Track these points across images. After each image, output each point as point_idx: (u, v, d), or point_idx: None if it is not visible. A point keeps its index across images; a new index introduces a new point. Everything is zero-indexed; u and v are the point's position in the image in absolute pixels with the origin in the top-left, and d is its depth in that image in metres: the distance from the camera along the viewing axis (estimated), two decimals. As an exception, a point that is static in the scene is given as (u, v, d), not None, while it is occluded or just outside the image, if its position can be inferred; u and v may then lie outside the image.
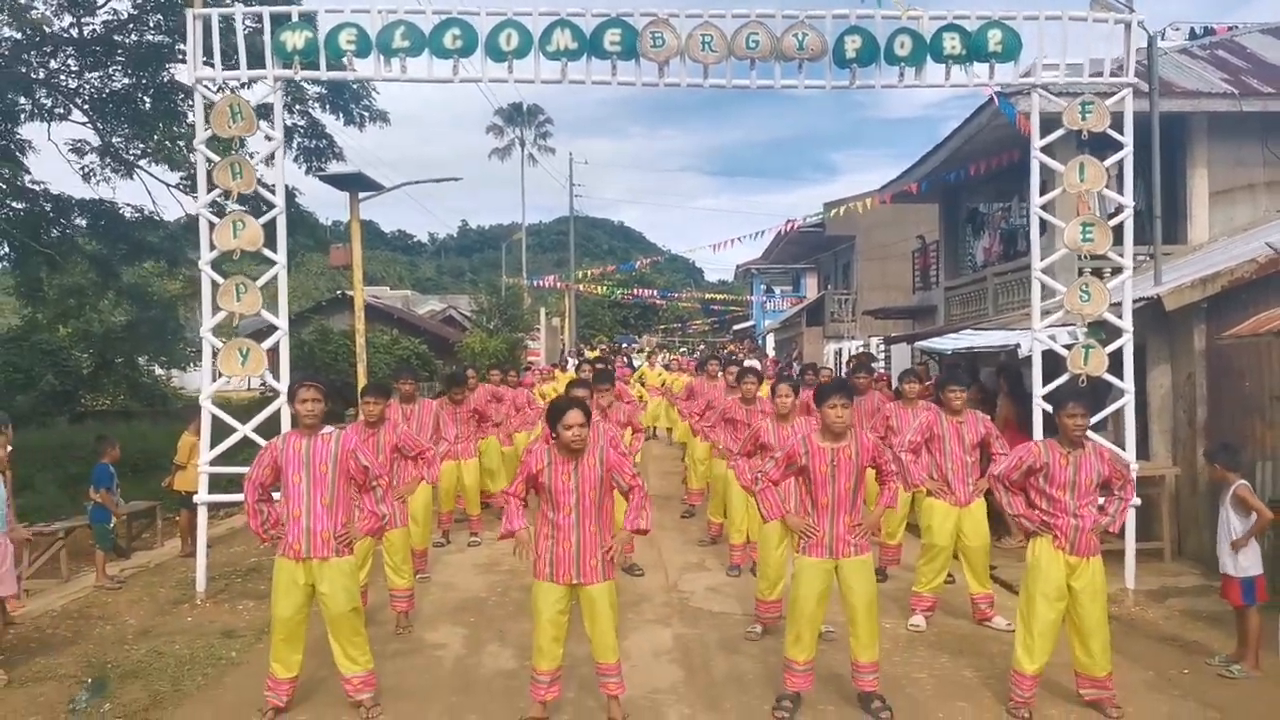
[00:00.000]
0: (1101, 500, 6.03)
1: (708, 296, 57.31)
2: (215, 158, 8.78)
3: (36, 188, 16.11)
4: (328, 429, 5.90)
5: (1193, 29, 16.03)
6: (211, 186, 8.72)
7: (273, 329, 9.05)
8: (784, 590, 7.14)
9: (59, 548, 9.55)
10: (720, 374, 11.23)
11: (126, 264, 18.61)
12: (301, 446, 5.77)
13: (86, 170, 16.43)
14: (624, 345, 47.83)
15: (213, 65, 8.74)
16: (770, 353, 35.78)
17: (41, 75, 15.83)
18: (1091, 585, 5.80)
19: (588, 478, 5.45)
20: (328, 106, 16.93)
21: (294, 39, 8.55)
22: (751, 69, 8.76)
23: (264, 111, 9.00)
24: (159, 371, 22.14)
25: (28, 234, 15.80)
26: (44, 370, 18.02)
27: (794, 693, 5.89)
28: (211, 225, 8.70)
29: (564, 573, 5.46)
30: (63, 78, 16.26)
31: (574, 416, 5.41)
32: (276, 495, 5.95)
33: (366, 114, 17.03)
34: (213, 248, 8.72)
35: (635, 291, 52.17)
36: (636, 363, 27.77)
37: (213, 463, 8.82)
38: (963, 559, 7.80)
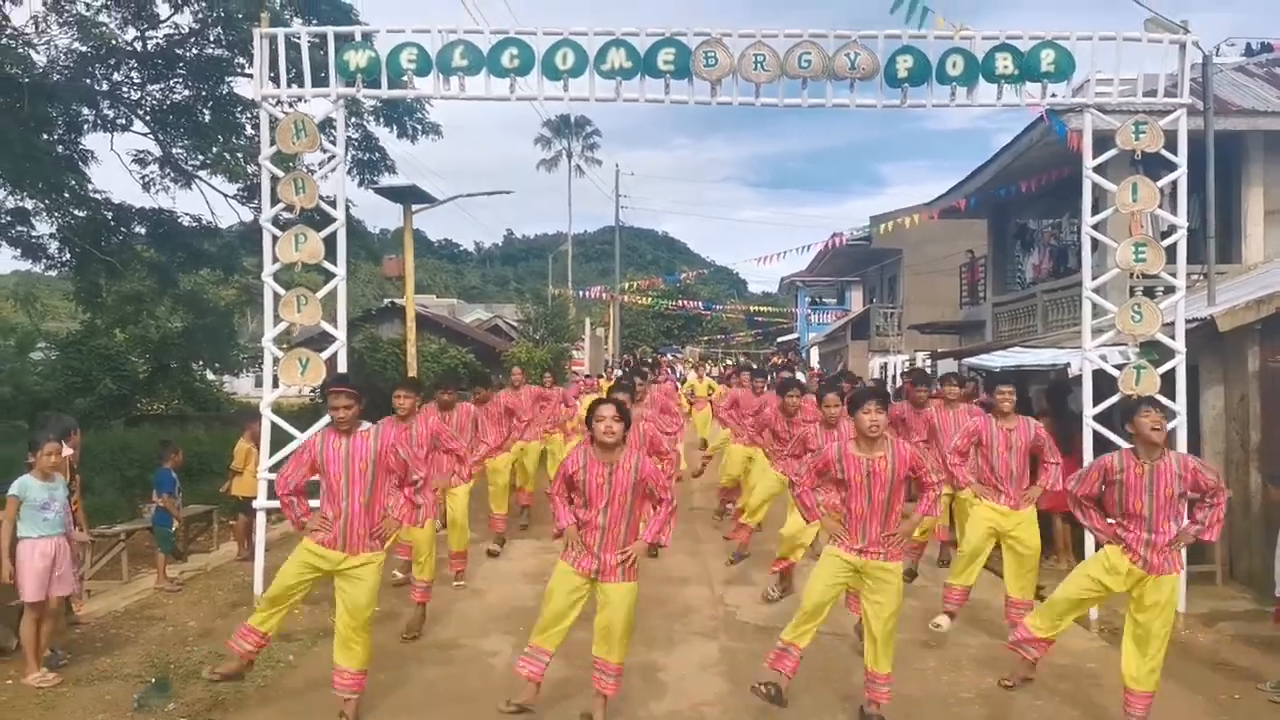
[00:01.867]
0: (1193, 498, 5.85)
1: (752, 308, 57.22)
2: (279, 173, 9.01)
3: (98, 196, 16.53)
4: (365, 425, 6.07)
5: (1249, 45, 15.81)
6: (275, 201, 8.96)
7: (324, 337, 9.27)
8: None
9: (120, 549, 9.81)
10: (751, 383, 12.01)
11: (184, 272, 18.97)
12: (341, 446, 5.93)
13: (147, 180, 16.86)
14: (665, 355, 47.73)
15: (277, 82, 8.97)
16: (814, 365, 35.70)
17: (105, 87, 16.24)
18: (1159, 602, 5.67)
19: (621, 482, 5.66)
20: (381, 120, 17.19)
21: (357, 58, 8.77)
22: (803, 88, 8.85)
23: (323, 127, 9.22)
24: (211, 377, 22.51)
25: (88, 241, 16.20)
26: (102, 374, 18.34)
27: (780, 675, 5.82)
28: (274, 238, 8.94)
29: (585, 564, 5.71)
30: (125, 90, 16.65)
31: (606, 410, 5.69)
32: (314, 503, 6.15)
33: (419, 127, 17.25)
34: (275, 260, 8.95)
35: (679, 303, 52.35)
36: (683, 375, 27.66)
37: (271, 469, 9.03)
38: (1009, 561, 7.50)
